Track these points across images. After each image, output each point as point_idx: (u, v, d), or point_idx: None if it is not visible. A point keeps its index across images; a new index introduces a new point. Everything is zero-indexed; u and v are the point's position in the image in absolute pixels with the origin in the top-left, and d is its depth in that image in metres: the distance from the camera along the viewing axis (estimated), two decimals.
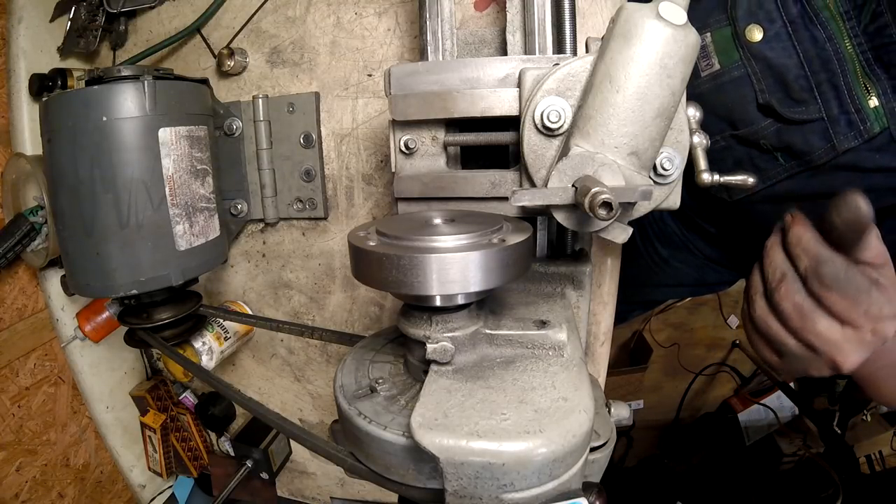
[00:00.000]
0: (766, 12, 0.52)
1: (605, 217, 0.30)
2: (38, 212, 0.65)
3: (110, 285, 0.52)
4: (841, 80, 0.49)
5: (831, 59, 0.50)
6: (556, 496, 0.28)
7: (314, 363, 0.77)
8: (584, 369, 0.34)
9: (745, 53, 0.54)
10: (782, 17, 0.51)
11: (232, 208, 0.68)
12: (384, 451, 0.32)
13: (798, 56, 0.51)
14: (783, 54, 0.52)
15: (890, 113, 0.48)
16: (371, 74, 0.63)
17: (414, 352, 0.36)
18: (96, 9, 0.68)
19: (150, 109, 0.51)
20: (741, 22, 0.53)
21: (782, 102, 0.52)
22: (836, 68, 0.49)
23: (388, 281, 0.30)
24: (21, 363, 0.76)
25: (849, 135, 0.50)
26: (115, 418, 0.86)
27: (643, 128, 0.34)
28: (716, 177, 0.41)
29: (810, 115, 0.51)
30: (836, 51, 0.49)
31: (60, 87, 0.68)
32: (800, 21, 0.50)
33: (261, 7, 0.65)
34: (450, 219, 0.35)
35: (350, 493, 0.84)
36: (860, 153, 0.50)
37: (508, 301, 0.41)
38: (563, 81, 0.36)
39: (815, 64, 0.50)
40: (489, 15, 0.58)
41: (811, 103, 0.51)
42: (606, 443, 0.36)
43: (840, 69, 0.49)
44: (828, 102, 0.50)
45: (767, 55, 0.52)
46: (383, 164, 0.65)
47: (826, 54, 0.50)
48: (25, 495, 0.77)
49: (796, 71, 0.51)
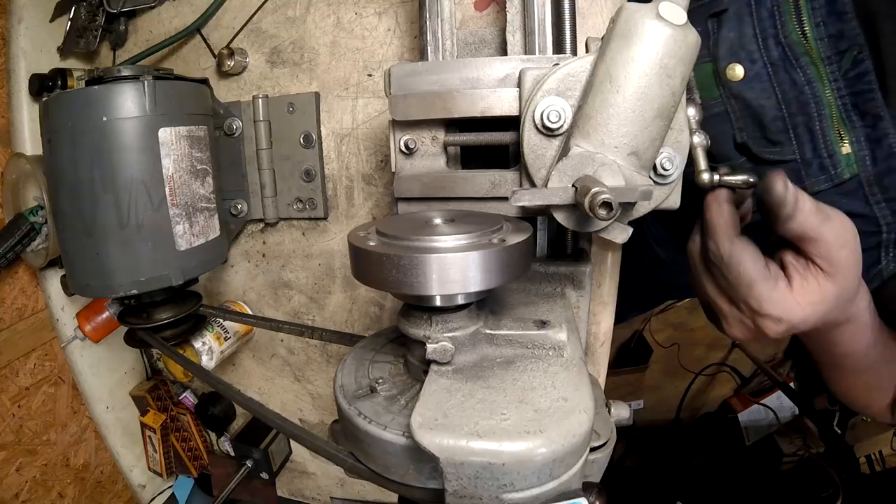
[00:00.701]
0: (747, 52, 0.52)
1: (605, 217, 0.30)
2: (38, 212, 0.65)
3: (110, 285, 0.52)
4: (817, 124, 0.50)
5: (809, 102, 0.50)
6: (556, 496, 0.28)
7: (314, 363, 0.77)
8: (584, 369, 0.34)
9: (726, 91, 0.54)
10: (763, 58, 0.51)
11: (232, 208, 0.68)
12: (384, 451, 0.32)
13: (776, 97, 0.51)
14: (762, 95, 0.52)
15: (860, 161, 0.49)
16: (371, 74, 0.63)
17: (414, 352, 0.36)
18: (96, 9, 0.68)
19: (150, 109, 0.51)
20: (722, 60, 0.53)
21: (758, 142, 0.53)
22: (813, 112, 0.50)
23: (388, 281, 0.30)
24: (21, 363, 0.76)
25: (820, 178, 0.50)
26: (115, 418, 0.86)
27: (643, 128, 0.34)
28: (716, 177, 0.41)
29: (784, 157, 0.52)
30: (815, 95, 0.50)
31: (60, 87, 0.68)
32: (780, 63, 0.51)
33: (261, 7, 0.65)
34: (450, 219, 0.35)
35: (350, 493, 0.84)
36: (829, 196, 0.51)
37: (508, 301, 0.41)
38: (563, 81, 0.36)
39: (793, 106, 0.51)
40: (489, 15, 0.58)
41: (786, 145, 0.52)
42: (606, 443, 0.36)
43: (817, 113, 0.50)
44: (802, 146, 0.51)
45: (747, 95, 0.53)
46: (383, 164, 0.65)
47: (804, 97, 0.50)
48: (25, 495, 0.77)
49: (774, 112, 0.52)
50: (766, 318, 0.41)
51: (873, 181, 0.49)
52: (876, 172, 0.49)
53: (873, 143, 0.48)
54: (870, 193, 0.49)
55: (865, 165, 0.49)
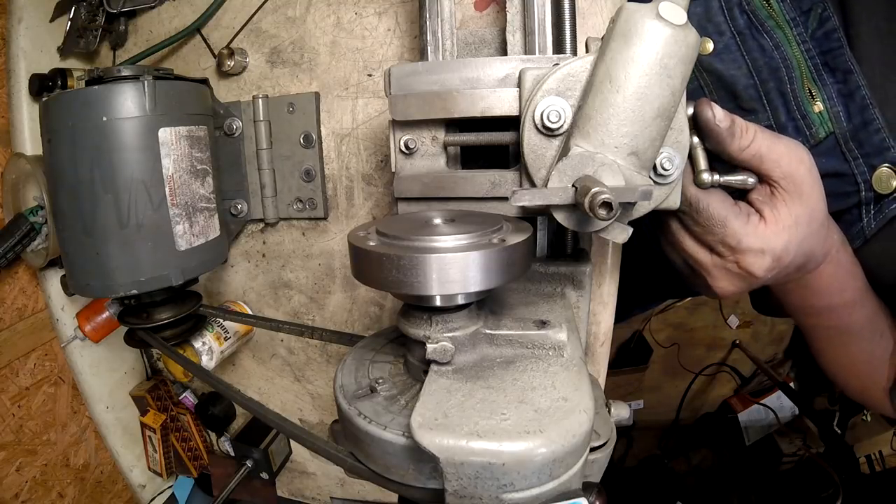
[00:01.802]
0: (714, 25, 0.52)
1: (605, 217, 0.30)
2: (38, 212, 0.65)
3: (110, 285, 0.52)
4: (788, 87, 0.50)
5: (779, 66, 0.50)
6: (556, 496, 0.28)
7: (314, 363, 0.77)
8: (584, 369, 0.34)
9: (697, 66, 0.54)
10: (730, 28, 0.52)
11: (232, 208, 0.68)
12: (384, 451, 0.32)
13: (747, 65, 0.52)
14: (733, 66, 0.52)
15: (834, 117, 0.48)
16: (371, 74, 0.63)
17: (414, 352, 0.36)
18: (96, 9, 0.68)
19: (150, 109, 0.51)
20: None
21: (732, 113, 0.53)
22: (783, 76, 0.50)
23: (388, 281, 0.30)
24: (21, 363, 0.76)
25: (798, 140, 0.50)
26: (115, 418, 0.86)
27: (643, 128, 0.34)
28: (716, 177, 0.41)
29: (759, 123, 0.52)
30: (784, 57, 0.50)
31: (60, 87, 0.68)
32: (747, 31, 0.51)
33: (261, 7, 0.65)
34: (450, 219, 0.35)
35: (350, 493, 0.84)
36: None
37: (508, 301, 0.41)
38: (563, 81, 0.36)
39: (764, 73, 0.51)
40: (489, 15, 0.58)
41: (760, 112, 0.52)
42: (606, 443, 0.36)
43: (787, 76, 0.50)
44: (776, 110, 0.51)
45: (718, 67, 0.53)
46: (383, 164, 0.65)
47: (774, 62, 0.50)
48: (25, 495, 0.77)
49: (745, 81, 0.52)
50: (747, 254, 0.41)
51: (849, 137, 0.48)
52: (851, 128, 0.48)
53: (846, 97, 0.48)
54: (846, 150, 0.48)
55: (840, 121, 0.48)
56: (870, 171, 0.48)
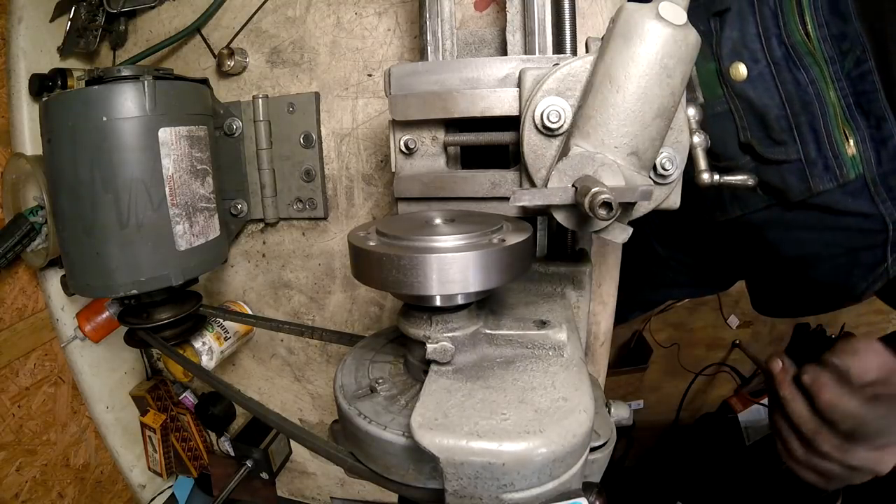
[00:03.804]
0: (750, 52, 0.52)
1: (605, 217, 0.30)
2: (38, 212, 0.65)
3: (110, 285, 0.52)
4: (821, 124, 0.50)
5: (813, 101, 0.50)
6: (556, 496, 0.28)
7: (314, 363, 0.77)
8: (584, 369, 0.34)
9: (729, 91, 0.54)
10: (766, 57, 0.51)
11: (232, 208, 0.68)
12: (384, 451, 0.32)
13: (780, 97, 0.51)
14: (765, 94, 0.52)
15: (866, 161, 0.49)
16: (371, 74, 0.63)
17: (414, 352, 0.36)
18: (96, 9, 0.68)
19: (150, 109, 0.51)
20: (726, 60, 0.53)
21: (762, 142, 0.53)
22: (816, 111, 0.50)
23: (388, 281, 0.30)
24: (21, 363, 0.76)
25: (824, 178, 0.51)
26: (115, 418, 0.86)
27: (643, 128, 0.34)
28: (716, 177, 0.41)
29: (788, 157, 0.52)
30: (818, 94, 0.50)
31: (60, 87, 0.68)
32: (783, 63, 0.51)
33: (261, 7, 0.65)
34: (450, 219, 0.35)
35: (350, 493, 0.84)
36: (834, 195, 0.51)
37: (508, 301, 0.41)
38: (563, 81, 0.36)
39: (797, 106, 0.51)
40: (489, 15, 0.58)
41: (790, 144, 0.52)
42: (606, 443, 0.36)
43: (821, 112, 0.50)
44: (807, 145, 0.51)
45: (750, 94, 0.53)
46: (383, 164, 0.65)
47: (808, 97, 0.50)
48: (25, 495, 0.77)
49: (777, 111, 0.52)
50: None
51: (878, 181, 0.49)
52: (881, 173, 0.49)
53: (878, 143, 0.48)
54: (875, 193, 0.49)
55: (871, 166, 0.49)
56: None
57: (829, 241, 0.53)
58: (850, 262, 0.52)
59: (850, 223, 0.51)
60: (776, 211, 0.56)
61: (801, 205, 0.53)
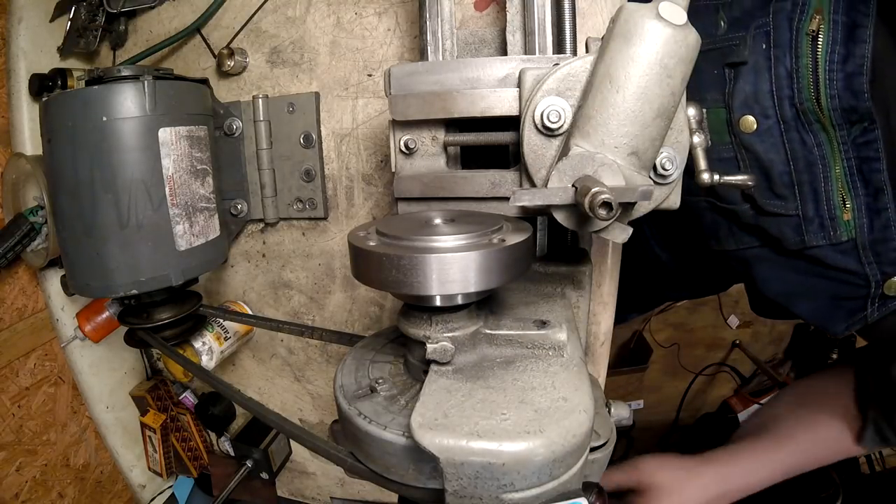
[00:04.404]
0: (761, 107, 0.53)
1: (605, 217, 0.30)
2: (38, 212, 0.65)
3: (110, 285, 0.52)
4: (822, 186, 0.52)
5: (816, 163, 0.52)
6: (556, 496, 0.28)
7: (314, 363, 0.77)
8: (584, 369, 0.34)
9: (737, 140, 0.55)
10: (776, 115, 0.52)
11: (232, 208, 0.68)
12: (384, 451, 0.32)
13: (786, 154, 0.53)
14: (772, 150, 0.53)
15: (859, 227, 0.51)
16: (371, 74, 0.63)
17: (414, 352, 0.36)
18: (96, 9, 0.68)
19: (150, 109, 0.51)
20: (737, 111, 0.54)
21: (763, 194, 0.55)
22: (819, 173, 0.52)
23: (388, 281, 0.30)
24: (21, 363, 0.76)
25: (819, 235, 0.53)
26: (115, 418, 0.86)
27: (643, 128, 0.34)
28: (716, 177, 0.41)
29: (787, 211, 0.54)
30: (823, 157, 0.51)
31: (60, 87, 0.68)
32: (793, 123, 0.52)
33: (261, 7, 0.65)
34: (450, 219, 0.35)
35: (350, 493, 0.84)
36: (826, 251, 0.54)
37: (508, 301, 0.41)
38: (563, 81, 0.36)
39: (801, 164, 0.53)
40: (489, 15, 0.58)
41: (790, 200, 0.54)
42: (606, 443, 0.36)
43: (823, 175, 0.52)
44: (805, 203, 0.53)
45: (757, 148, 0.54)
46: (383, 164, 0.65)
47: (812, 157, 0.52)
48: (25, 495, 0.77)
49: (781, 168, 0.53)
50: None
51: (868, 247, 0.51)
52: (871, 240, 0.51)
53: (873, 213, 0.51)
54: (863, 255, 0.51)
55: (863, 232, 0.51)
56: (882, 276, 0.51)
57: (814, 285, 0.56)
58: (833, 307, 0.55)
59: (837, 276, 0.54)
60: (768, 251, 0.59)
61: (793, 253, 0.56)
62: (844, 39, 0.48)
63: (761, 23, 0.52)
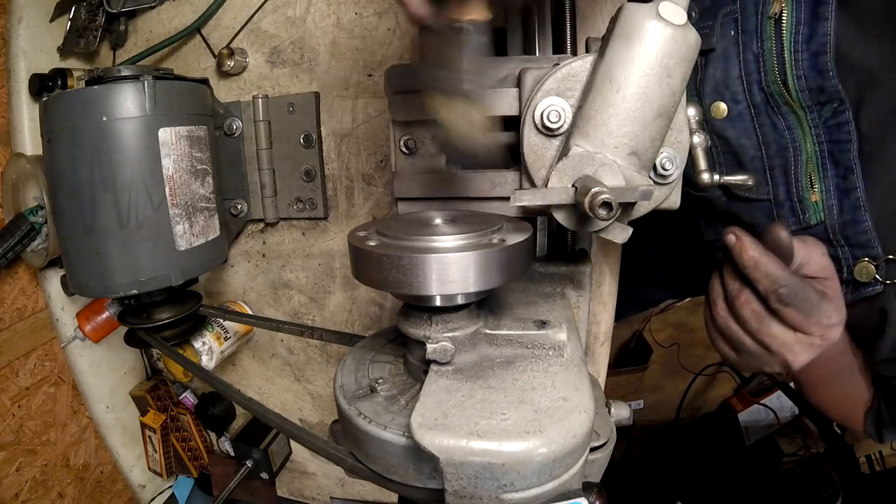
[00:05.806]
0: (731, 93, 0.53)
1: (605, 217, 0.30)
2: (38, 212, 0.65)
3: (110, 285, 0.52)
4: (792, 169, 0.52)
5: (788, 147, 0.52)
6: (556, 496, 0.28)
7: (314, 363, 0.77)
8: (584, 369, 0.34)
9: (708, 127, 0.55)
10: (747, 99, 0.53)
11: (232, 208, 0.68)
12: (384, 451, 0.32)
13: (757, 138, 0.53)
14: (743, 135, 0.54)
15: (828, 209, 0.51)
16: (371, 74, 0.63)
17: (414, 352, 0.36)
18: (96, 9, 0.68)
19: (150, 109, 0.51)
20: (707, 97, 0.55)
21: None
22: (790, 156, 0.52)
23: (388, 281, 0.30)
24: (21, 363, 0.76)
25: (790, 219, 0.53)
26: (115, 418, 0.86)
27: (643, 128, 0.34)
28: (716, 177, 0.41)
29: (759, 196, 0.54)
30: (794, 139, 0.51)
31: (60, 87, 0.68)
32: (763, 107, 0.52)
33: (261, 7, 0.65)
34: (450, 219, 0.35)
35: (350, 493, 0.84)
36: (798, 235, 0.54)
37: (508, 301, 0.41)
38: (563, 81, 0.36)
39: (772, 149, 0.53)
40: None
41: (762, 185, 0.54)
42: (606, 443, 0.36)
43: (794, 158, 0.52)
44: (777, 187, 0.53)
45: (728, 133, 0.54)
46: (383, 164, 0.65)
47: (783, 142, 0.52)
48: (25, 495, 0.77)
49: (753, 153, 0.54)
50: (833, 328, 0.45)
51: (838, 230, 0.51)
52: (841, 222, 0.51)
53: (842, 193, 0.50)
54: (834, 239, 0.51)
55: (832, 214, 0.51)
56: (853, 260, 0.51)
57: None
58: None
59: None
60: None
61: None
62: (808, 19, 0.48)
63: (729, 10, 0.52)
